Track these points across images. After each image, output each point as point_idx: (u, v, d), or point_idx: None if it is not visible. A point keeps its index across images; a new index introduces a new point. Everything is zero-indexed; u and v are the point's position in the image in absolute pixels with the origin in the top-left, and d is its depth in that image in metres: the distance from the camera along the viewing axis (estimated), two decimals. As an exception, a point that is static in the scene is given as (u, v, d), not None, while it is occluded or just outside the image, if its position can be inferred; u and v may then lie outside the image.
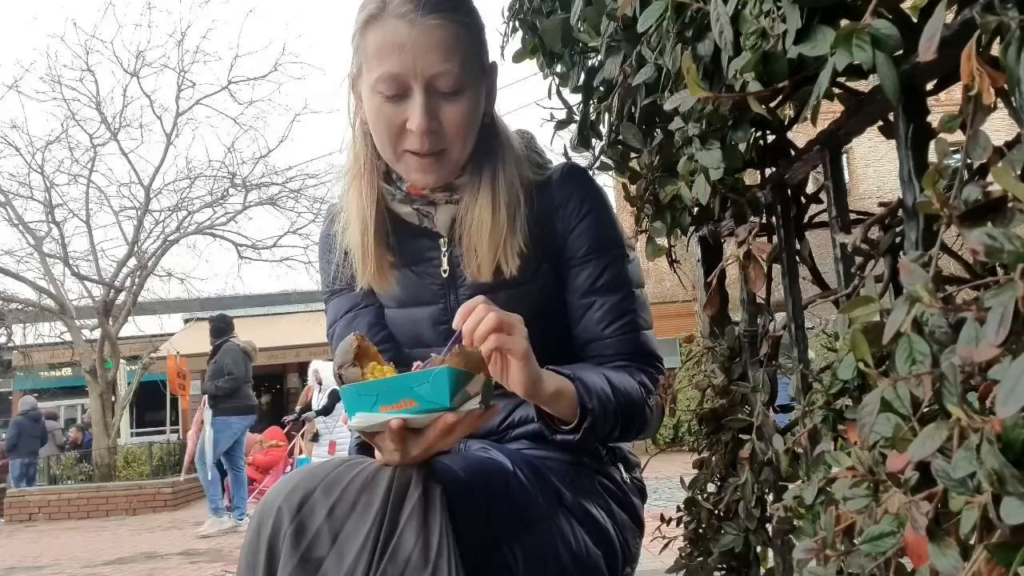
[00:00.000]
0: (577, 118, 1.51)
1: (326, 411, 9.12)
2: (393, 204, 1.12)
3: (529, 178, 1.13)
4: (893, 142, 0.80)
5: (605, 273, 1.13)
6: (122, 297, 13.13)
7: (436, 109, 1.02)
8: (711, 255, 1.49)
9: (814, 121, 0.79)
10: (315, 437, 9.12)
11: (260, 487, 8.55)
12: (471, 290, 1.12)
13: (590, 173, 1.21)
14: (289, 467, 8.60)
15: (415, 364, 0.91)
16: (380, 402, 0.84)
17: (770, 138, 1.11)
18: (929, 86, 0.79)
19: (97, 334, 12.87)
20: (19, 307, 13.67)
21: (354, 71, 1.10)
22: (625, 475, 1.18)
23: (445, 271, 1.13)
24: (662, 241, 1.38)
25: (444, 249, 1.13)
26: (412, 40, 1.00)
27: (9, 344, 14.40)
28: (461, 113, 1.04)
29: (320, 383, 9.30)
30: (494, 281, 1.11)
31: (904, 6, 0.74)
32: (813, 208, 1.10)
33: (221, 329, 7.86)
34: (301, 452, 9.01)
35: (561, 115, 1.55)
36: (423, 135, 1.02)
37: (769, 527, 1.20)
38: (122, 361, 13.71)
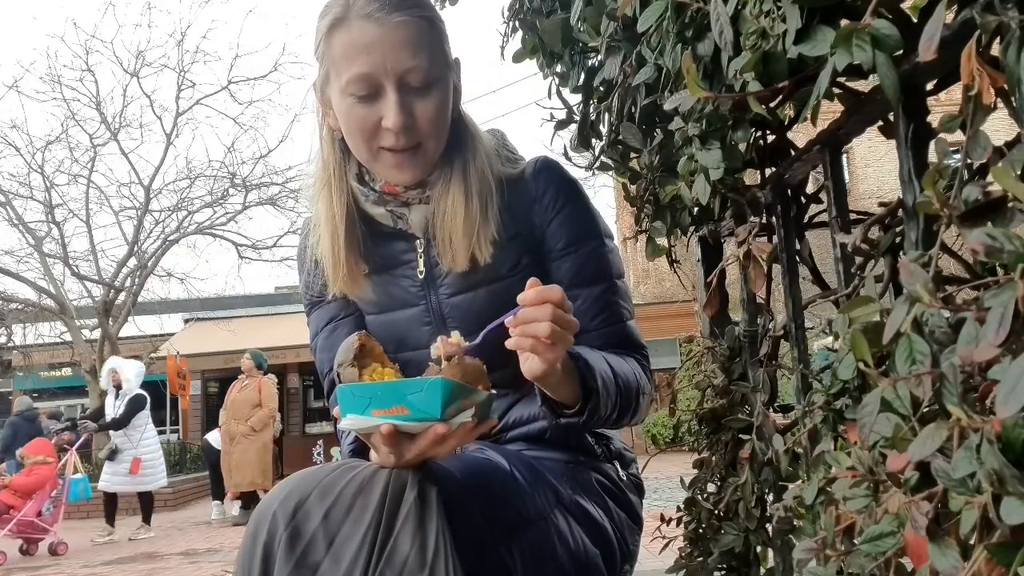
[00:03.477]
0: (577, 118, 1.51)
1: (117, 424, 7.37)
2: (366, 206, 1.13)
3: (500, 171, 1.14)
4: (893, 142, 0.80)
5: (586, 265, 1.13)
6: (122, 297, 13.13)
7: (409, 105, 1.03)
8: (711, 255, 1.49)
9: (814, 121, 0.79)
10: (111, 455, 7.52)
11: (20, 515, 6.77)
12: (451, 289, 1.12)
13: (563, 165, 1.21)
14: (57, 489, 7.10)
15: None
16: (373, 405, 0.84)
17: (770, 138, 1.11)
18: (929, 86, 0.79)
19: (97, 334, 12.87)
20: (19, 307, 13.67)
21: (320, 79, 1.10)
22: (621, 472, 1.18)
23: (422, 272, 1.13)
24: (662, 241, 1.39)
25: (420, 250, 1.14)
26: (380, 39, 1.01)
27: (9, 344, 14.39)
28: (433, 107, 1.05)
29: (118, 387, 7.61)
30: (475, 278, 1.11)
31: (904, 6, 0.74)
32: (813, 208, 1.10)
33: None
34: (76, 471, 7.30)
35: (561, 115, 1.56)
36: (399, 132, 1.02)
37: (769, 527, 1.20)
38: (122, 361, 13.70)
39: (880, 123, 0.90)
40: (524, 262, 1.13)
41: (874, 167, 16.55)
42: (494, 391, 0.90)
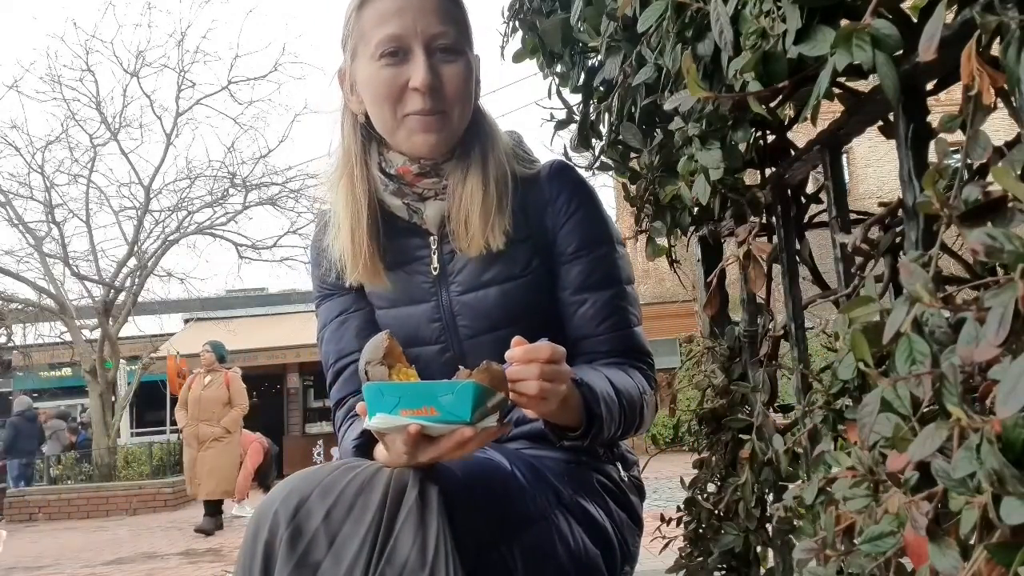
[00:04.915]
0: (577, 118, 1.51)
1: None
2: (385, 195, 1.13)
3: (516, 169, 1.14)
4: (893, 142, 0.80)
5: (596, 270, 1.13)
6: (122, 297, 13.13)
7: (437, 68, 1.06)
8: (711, 255, 1.49)
9: (814, 121, 0.78)
10: None
11: None
12: (462, 287, 1.12)
13: (578, 169, 1.21)
14: None
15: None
16: (402, 405, 0.84)
17: (770, 138, 1.11)
18: (929, 86, 0.79)
19: (97, 334, 12.86)
20: (19, 307, 13.67)
21: (347, 59, 1.12)
22: (623, 473, 1.18)
23: (435, 269, 1.14)
24: (662, 241, 1.39)
25: (434, 247, 1.14)
26: (411, 4, 1.05)
27: (9, 344, 14.39)
28: (459, 74, 1.07)
29: None
30: (486, 277, 1.11)
31: (904, 6, 0.74)
32: (813, 208, 1.10)
33: None
34: None
35: (561, 115, 1.55)
36: (426, 92, 1.04)
37: (769, 527, 1.20)
38: (122, 361, 13.70)
39: (880, 123, 0.90)
40: (535, 264, 1.13)
41: (874, 167, 16.55)
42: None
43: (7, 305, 13.52)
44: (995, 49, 0.56)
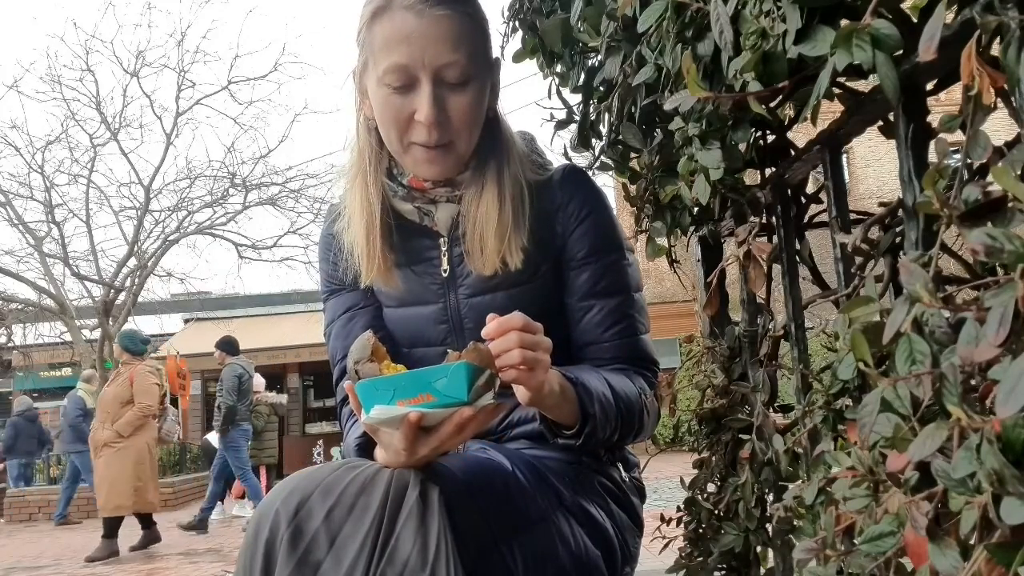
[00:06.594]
0: (577, 118, 1.50)
1: None
2: (394, 201, 1.13)
3: (530, 177, 1.13)
4: (893, 142, 0.80)
5: (605, 276, 1.13)
6: (122, 297, 13.15)
7: (443, 100, 1.03)
8: (711, 255, 1.49)
9: (814, 121, 0.78)
10: None
11: None
12: (471, 290, 1.12)
13: (590, 175, 1.21)
14: None
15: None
16: (397, 396, 0.84)
17: (770, 138, 1.11)
18: (929, 86, 0.79)
19: (97, 334, 12.88)
20: (19, 307, 13.69)
21: (359, 66, 1.10)
22: (624, 475, 1.18)
23: (445, 271, 1.13)
24: (662, 241, 1.38)
25: (444, 249, 1.14)
26: (420, 31, 1.00)
27: (9, 344, 14.41)
28: (468, 104, 1.04)
29: None
30: (494, 281, 1.10)
31: (904, 6, 0.74)
32: (813, 208, 1.10)
33: None
34: None
35: (561, 115, 1.55)
36: (430, 126, 1.02)
37: (769, 527, 1.20)
38: (122, 361, 13.70)
39: (880, 123, 0.90)
40: (543, 269, 1.13)
41: (874, 167, 16.55)
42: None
43: (7, 305, 13.54)
44: (995, 49, 0.56)
